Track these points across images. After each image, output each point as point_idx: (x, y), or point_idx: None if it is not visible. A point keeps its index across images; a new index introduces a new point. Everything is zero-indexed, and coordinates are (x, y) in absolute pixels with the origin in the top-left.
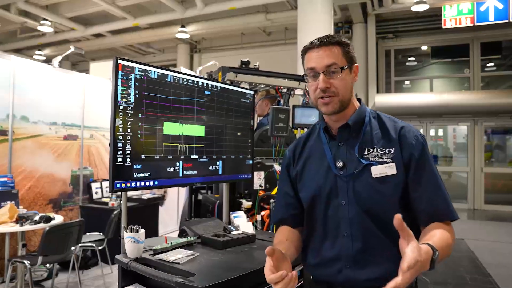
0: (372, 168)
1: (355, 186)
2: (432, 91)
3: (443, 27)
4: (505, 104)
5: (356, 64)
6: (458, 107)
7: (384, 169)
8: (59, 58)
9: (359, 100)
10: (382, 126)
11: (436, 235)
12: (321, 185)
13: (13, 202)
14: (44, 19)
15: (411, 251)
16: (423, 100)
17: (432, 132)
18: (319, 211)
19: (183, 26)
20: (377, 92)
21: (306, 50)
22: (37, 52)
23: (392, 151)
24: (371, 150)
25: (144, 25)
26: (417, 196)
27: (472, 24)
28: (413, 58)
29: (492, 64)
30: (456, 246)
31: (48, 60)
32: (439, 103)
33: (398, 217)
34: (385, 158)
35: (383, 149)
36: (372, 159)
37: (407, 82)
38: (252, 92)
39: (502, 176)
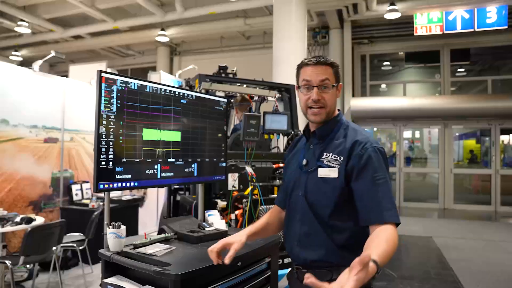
0: (319, 169)
1: (308, 182)
2: (406, 95)
3: (415, 34)
4: (473, 108)
5: (340, 83)
6: (429, 111)
7: (328, 172)
8: (40, 62)
9: (338, 110)
10: (344, 136)
11: (383, 246)
12: (292, 178)
13: None
14: (22, 20)
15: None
16: (396, 104)
17: (408, 134)
18: (289, 198)
19: (163, 29)
20: (353, 96)
21: (302, 65)
22: (13, 52)
23: (342, 159)
24: (328, 155)
25: (124, 27)
26: (356, 199)
27: (441, 32)
28: (387, 63)
29: (463, 69)
30: (424, 243)
31: (25, 61)
32: (412, 107)
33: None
34: (335, 164)
35: (336, 156)
36: (326, 162)
37: (383, 86)
38: (225, 100)
39: (471, 176)
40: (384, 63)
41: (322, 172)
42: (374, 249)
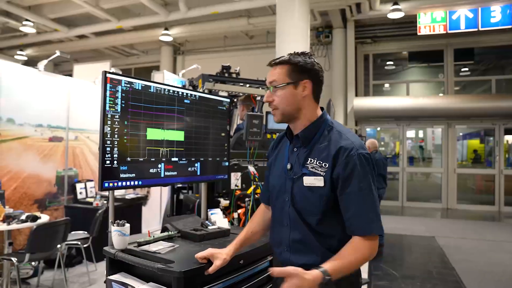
0: (304, 177)
1: (294, 188)
2: (409, 95)
3: (418, 33)
4: (477, 108)
5: (305, 80)
6: (432, 110)
7: (313, 180)
8: (45, 62)
9: (322, 108)
10: (329, 140)
11: (344, 258)
12: (277, 181)
13: None
14: (27, 19)
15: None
16: (400, 104)
17: (412, 134)
18: (274, 201)
19: (166, 29)
20: (356, 95)
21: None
22: (18, 52)
23: (327, 165)
24: (313, 160)
25: (128, 27)
26: (343, 210)
27: (445, 32)
28: (391, 62)
29: (467, 69)
30: (426, 243)
31: (30, 60)
32: (415, 106)
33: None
34: (320, 171)
35: (321, 162)
36: (311, 169)
37: (387, 85)
38: (228, 100)
39: (475, 176)
40: (388, 63)
41: (308, 181)
42: (334, 261)
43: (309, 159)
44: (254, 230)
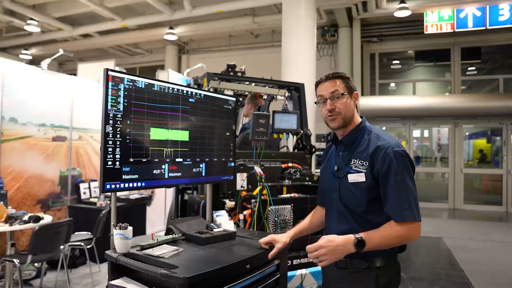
0: (349, 175)
1: (341, 186)
2: (415, 94)
3: (425, 32)
4: (484, 108)
5: (355, 92)
6: (439, 110)
7: (356, 177)
8: (48, 60)
9: (361, 116)
10: (368, 142)
11: (378, 230)
12: (327, 182)
13: (1, 202)
14: (31, 18)
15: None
16: (406, 103)
17: (417, 133)
18: (326, 200)
19: (171, 27)
20: (362, 94)
21: (317, 84)
22: (23, 51)
23: (366, 163)
24: (355, 161)
25: (133, 26)
26: (383, 200)
27: (452, 30)
28: (397, 61)
29: (474, 68)
30: (433, 244)
31: (34, 60)
32: (421, 106)
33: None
34: (361, 168)
35: (362, 161)
36: (354, 168)
37: (393, 85)
38: (234, 99)
39: (481, 176)
40: (394, 62)
41: (352, 178)
42: (369, 231)
43: (352, 160)
44: (314, 222)
